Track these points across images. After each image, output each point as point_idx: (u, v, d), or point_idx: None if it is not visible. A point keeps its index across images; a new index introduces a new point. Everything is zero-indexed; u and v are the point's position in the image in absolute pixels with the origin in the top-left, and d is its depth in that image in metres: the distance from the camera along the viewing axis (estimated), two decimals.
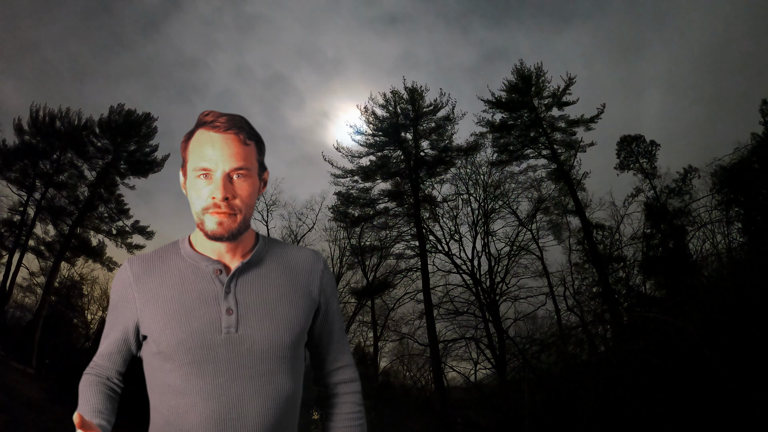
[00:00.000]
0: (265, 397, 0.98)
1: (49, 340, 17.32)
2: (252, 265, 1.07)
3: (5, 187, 19.04)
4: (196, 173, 1.00)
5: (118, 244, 20.86)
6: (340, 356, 1.20)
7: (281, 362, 1.02)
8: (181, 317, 0.99)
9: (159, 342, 0.99)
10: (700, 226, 14.40)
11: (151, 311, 1.01)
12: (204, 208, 0.99)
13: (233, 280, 1.03)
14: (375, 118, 18.94)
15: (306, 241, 19.56)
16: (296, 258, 1.14)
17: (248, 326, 1.00)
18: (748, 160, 13.82)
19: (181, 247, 1.08)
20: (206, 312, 0.99)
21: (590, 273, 16.67)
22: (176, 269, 1.05)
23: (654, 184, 16.93)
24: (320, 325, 1.16)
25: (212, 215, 0.99)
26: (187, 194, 1.04)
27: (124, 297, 1.05)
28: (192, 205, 1.02)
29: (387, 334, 19.88)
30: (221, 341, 0.98)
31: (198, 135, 1.02)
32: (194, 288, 1.02)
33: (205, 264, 1.04)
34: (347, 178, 18.88)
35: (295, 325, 1.05)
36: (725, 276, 10.05)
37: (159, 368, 1.00)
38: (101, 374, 1.09)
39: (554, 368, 10.61)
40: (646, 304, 13.71)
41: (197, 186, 1.00)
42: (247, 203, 1.01)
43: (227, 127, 1.00)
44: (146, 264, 1.06)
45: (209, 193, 0.98)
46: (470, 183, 18.46)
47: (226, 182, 0.98)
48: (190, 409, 0.95)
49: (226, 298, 1.01)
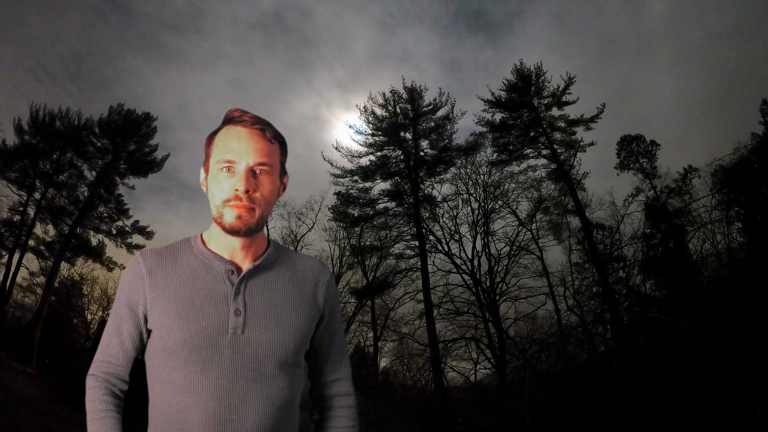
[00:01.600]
0: (266, 400, 0.98)
1: (49, 340, 17.31)
2: (262, 268, 1.07)
3: (5, 187, 19.02)
4: (220, 166, 1.01)
5: (117, 244, 20.87)
6: (338, 368, 1.20)
7: (283, 368, 1.02)
8: (190, 315, 0.98)
9: (165, 338, 0.99)
10: (700, 226, 14.36)
11: (161, 306, 1.01)
12: (225, 200, 1.00)
13: (243, 281, 1.04)
14: (374, 117, 18.95)
15: (306, 241, 19.60)
16: (304, 267, 1.14)
17: (254, 329, 1.00)
18: (748, 160, 13.80)
19: (193, 244, 1.08)
20: (215, 311, 0.99)
21: (590, 273, 16.67)
22: (188, 266, 1.05)
23: (654, 184, 16.92)
24: (321, 335, 1.16)
25: (232, 208, 0.99)
26: (207, 189, 1.05)
27: (135, 290, 1.04)
28: (212, 198, 1.02)
29: (387, 334, 19.88)
30: (227, 342, 0.98)
31: (224, 131, 1.04)
32: (205, 286, 1.02)
33: (218, 263, 1.05)
34: (347, 178, 18.89)
35: (300, 331, 1.05)
36: (725, 276, 10.04)
37: (162, 365, 1.00)
38: (114, 377, 1.07)
39: (554, 368, 10.60)
40: (646, 304, 13.71)
41: (219, 179, 1.01)
42: (267, 199, 1.02)
43: (254, 122, 1.02)
44: (159, 258, 1.06)
45: (231, 186, 0.99)
46: (470, 183, 18.47)
47: (249, 175, 1.00)
48: (191, 409, 0.94)
49: (236, 299, 1.01)
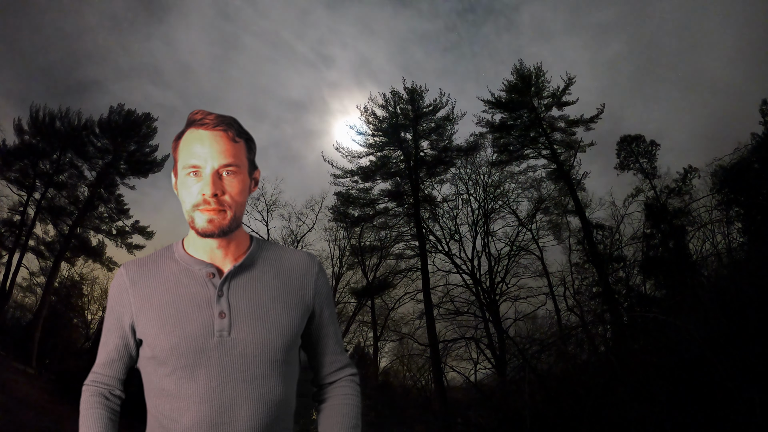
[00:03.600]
0: (257, 400, 0.98)
1: (49, 340, 17.32)
2: (244, 268, 1.06)
3: (5, 187, 19.06)
4: (186, 171, 1.00)
5: (118, 244, 20.90)
6: (338, 357, 1.19)
7: (273, 366, 1.01)
8: (175, 321, 0.98)
9: (153, 347, 0.99)
10: (700, 226, 14.37)
11: (147, 316, 1.01)
12: (194, 205, 0.99)
13: (225, 283, 1.03)
14: (375, 118, 18.95)
15: (306, 241, 19.57)
16: (290, 261, 1.13)
17: (240, 330, 0.99)
18: (748, 160, 13.81)
19: (174, 250, 1.08)
20: (199, 316, 0.99)
21: (590, 273, 16.67)
22: (170, 273, 1.05)
23: (654, 184, 16.94)
24: (316, 329, 1.15)
25: (202, 212, 0.99)
26: (179, 194, 1.04)
27: (120, 302, 1.05)
28: (183, 203, 1.02)
29: (387, 334, 19.88)
30: (214, 345, 0.98)
31: (188, 134, 1.02)
32: (188, 292, 1.02)
33: (198, 267, 1.04)
34: (347, 178, 18.90)
35: (288, 329, 1.04)
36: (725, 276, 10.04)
37: (153, 373, 1.01)
38: (103, 387, 1.08)
39: (554, 368, 10.60)
40: (646, 304, 13.70)
41: (187, 184, 1.00)
42: (237, 200, 1.01)
43: (216, 124, 1.00)
44: (141, 268, 1.06)
45: (199, 190, 0.99)
46: (470, 183, 18.46)
47: (215, 179, 0.98)
48: (183, 413, 0.95)
49: (219, 301, 1.01)
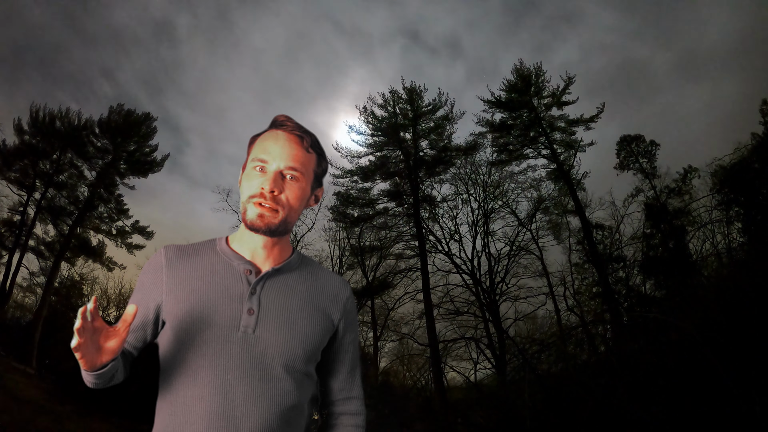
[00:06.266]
0: (271, 401, 0.98)
1: (49, 340, 17.29)
2: (281, 272, 1.09)
3: (5, 187, 19.07)
4: (254, 164, 1.04)
5: (118, 244, 20.88)
6: (349, 386, 1.19)
7: (291, 372, 1.01)
8: (204, 309, 1.00)
9: (177, 330, 1.00)
10: (700, 226, 14.40)
11: (176, 297, 1.02)
12: (250, 196, 1.03)
13: (260, 282, 1.05)
14: (374, 118, 18.95)
15: (306, 241, 19.58)
16: (325, 279, 1.15)
17: (266, 330, 1.01)
18: (748, 160, 13.80)
19: (217, 243, 1.11)
20: (228, 308, 1.01)
21: (590, 273, 16.67)
22: (208, 263, 1.07)
23: (654, 184, 16.93)
24: (335, 351, 1.16)
25: (255, 206, 1.02)
26: (240, 186, 1.08)
27: (153, 279, 1.06)
28: (241, 194, 1.06)
29: (387, 334, 19.87)
30: (237, 339, 0.99)
31: (267, 133, 1.08)
32: (222, 283, 1.04)
33: (237, 262, 1.07)
34: (346, 178, 18.89)
35: (311, 340, 1.05)
36: (725, 276, 10.05)
37: (172, 357, 1.01)
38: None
39: (554, 368, 10.60)
40: (646, 304, 13.71)
41: (251, 176, 1.04)
42: (292, 204, 1.04)
43: (293, 129, 1.06)
44: (181, 252, 1.09)
45: (259, 184, 1.03)
46: (470, 183, 18.47)
47: (277, 177, 1.03)
48: (197, 402, 0.95)
49: (250, 298, 1.02)
